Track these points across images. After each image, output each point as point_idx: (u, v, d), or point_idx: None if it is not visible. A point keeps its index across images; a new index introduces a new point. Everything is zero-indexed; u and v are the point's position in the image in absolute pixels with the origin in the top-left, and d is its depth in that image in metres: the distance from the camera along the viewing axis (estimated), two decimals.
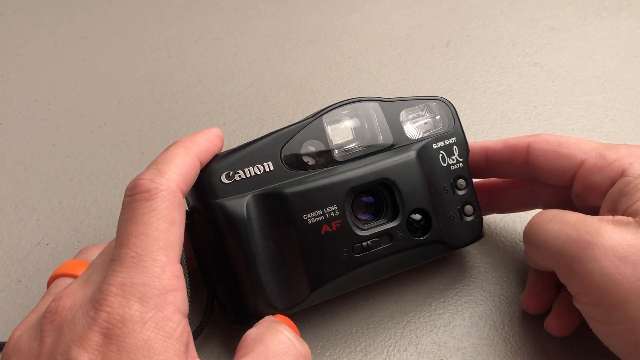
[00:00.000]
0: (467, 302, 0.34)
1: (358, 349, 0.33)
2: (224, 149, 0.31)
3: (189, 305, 0.25)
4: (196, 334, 0.30)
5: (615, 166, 0.29)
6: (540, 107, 0.47)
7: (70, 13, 0.58)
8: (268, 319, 0.28)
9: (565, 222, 0.28)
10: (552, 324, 0.32)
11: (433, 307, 0.34)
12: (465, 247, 0.37)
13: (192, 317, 0.25)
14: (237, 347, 0.26)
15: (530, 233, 0.30)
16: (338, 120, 0.32)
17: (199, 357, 0.25)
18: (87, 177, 0.42)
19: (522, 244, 0.37)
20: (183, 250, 0.26)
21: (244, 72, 0.51)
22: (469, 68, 0.51)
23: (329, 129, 0.31)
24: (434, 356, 0.32)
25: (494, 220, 0.38)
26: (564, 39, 0.53)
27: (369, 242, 0.30)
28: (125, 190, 0.25)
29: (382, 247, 0.30)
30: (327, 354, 0.32)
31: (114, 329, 0.22)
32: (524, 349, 0.32)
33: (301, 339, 0.27)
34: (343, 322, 0.34)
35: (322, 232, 0.29)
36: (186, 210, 0.27)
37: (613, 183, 0.29)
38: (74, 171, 0.42)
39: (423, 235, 0.31)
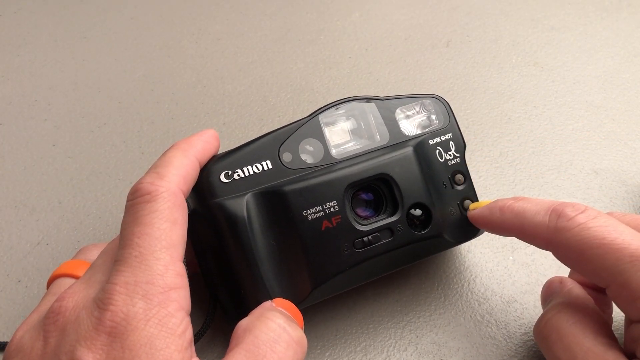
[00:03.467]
0: (467, 302, 0.34)
1: (358, 348, 0.33)
2: (224, 150, 0.31)
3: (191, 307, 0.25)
4: (199, 336, 0.31)
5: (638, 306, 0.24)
6: (540, 107, 0.47)
7: (70, 13, 0.58)
8: (264, 305, 0.28)
9: (572, 350, 0.25)
10: None
11: (433, 307, 0.34)
12: (466, 246, 0.37)
13: (194, 319, 0.25)
14: (230, 338, 0.26)
15: (541, 332, 0.27)
16: (334, 123, 0.32)
17: (201, 358, 0.25)
18: (87, 177, 0.42)
19: (523, 243, 0.37)
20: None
21: (244, 72, 0.51)
22: (469, 68, 0.51)
23: (326, 130, 0.32)
24: (434, 356, 0.32)
25: None
26: (564, 39, 0.53)
27: (369, 237, 0.30)
28: (127, 195, 0.26)
29: (383, 241, 0.30)
30: (327, 353, 0.32)
31: (118, 327, 0.22)
32: (524, 347, 0.32)
33: (294, 325, 0.26)
34: (343, 321, 0.34)
35: (323, 228, 0.30)
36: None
37: (637, 320, 0.25)
38: (74, 171, 0.42)
39: (423, 230, 0.31)
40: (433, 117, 0.34)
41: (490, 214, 0.30)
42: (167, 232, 0.25)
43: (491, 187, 0.41)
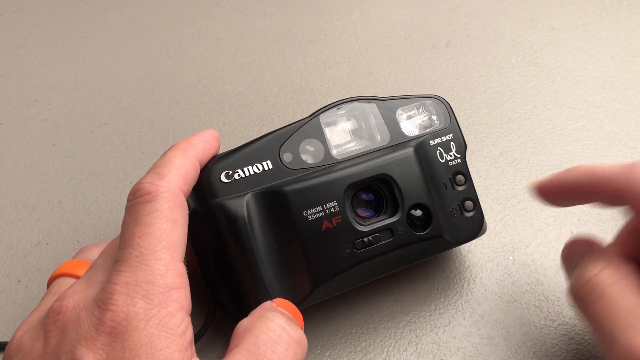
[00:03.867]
0: (467, 302, 0.34)
1: (358, 348, 0.33)
2: (224, 150, 0.31)
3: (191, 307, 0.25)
4: (199, 336, 0.31)
5: None
6: (540, 107, 0.47)
7: (70, 13, 0.58)
8: (264, 305, 0.28)
9: (614, 308, 0.24)
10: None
11: (433, 307, 0.34)
12: (466, 246, 0.37)
13: (194, 319, 0.25)
14: (231, 338, 0.26)
15: (580, 291, 0.26)
16: (335, 123, 0.32)
17: (202, 358, 0.25)
18: (87, 177, 0.42)
19: (523, 243, 0.37)
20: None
21: (244, 72, 0.51)
22: (469, 68, 0.51)
23: (327, 131, 0.32)
24: (434, 356, 0.32)
25: (494, 219, 0.38)
26: (564, 39, 0.53)
27: (370, 237, 0.30)
28: (128, 195, 0.26)
29: (383, 242, 0.30)
30: (327, 353, 0.32)
31: (119, 327, 0.22)
32: (524, 347, 0.32)
33: (294, 325, 0.26)
34: (343, 321, 0.34)
35: (323, 228, 0.30)
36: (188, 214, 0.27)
37: None
38: (74, 171, 0.42)
39: (424, 231, 0.31)
40: (434, 117, 0.34)
41: (557, 175, 0.29)
42: (167, 232, 0.25)
43: (491, 187, 0.41)
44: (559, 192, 0.29)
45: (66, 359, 0.22)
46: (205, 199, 0.29)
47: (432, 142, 0.33)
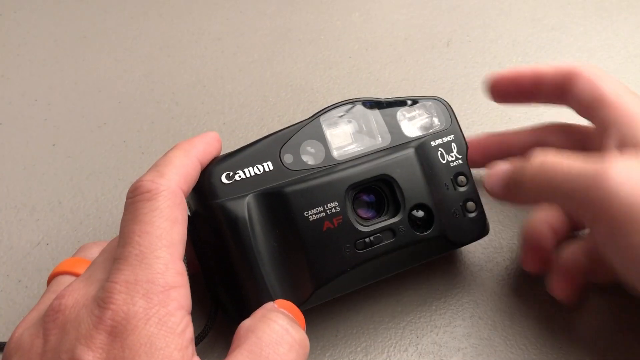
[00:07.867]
0: (467, 303, 0.34)
1: (358, 349, 0.33)
2: (224, 151, 0.31)
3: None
4: (200, 338, 0.30)
5: None
6: (541, 107, 0.47)
7: (70, 13, 0.58)
8: (266, 306, 0.28)
9: (575, 159, 0.27)
10: (555, 286, 0.32)
11: (434, 308, 0.34)
12: (466, 247, 0.37)
13: (195, 321, 0.25)
14: (232, 339, 0.26)
15: (538, 170, 0.29)
16: (335, 124, 0.32)
17: (203, 359, 0.25)
18: (87, 177, 0.42)
19: None
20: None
21: (244, 72, 0.51)
22: (469, 68, 0.51)
23: (327, 132, 0.32)
24: (434, 356, 0.32)
25: (495, 219, 0.38)
26: (564, 39, 0.53)
27: (371, 237, 0.30)
28: (127, 193, 0.26)
29: (385, 242, 0.30)
30: (328, 354, 0.32)
31: (119, 326, 0.22)
32: (524, 349, 0.32)
33: (297, 326, 0.26)
34: (343, 322, 0.34)
35: (324, 229, 0.30)
36: (188, 215, 0.27)
37: None
38: (74, 171, 0.42)
39: (426, 231, 0.31)
40: (435, 119, 0.34)
41: (508, 70, 0.34)
42: (167, 230, 0.25)
43: None
44: (506, 86, 0.34)
45: (66, 357, 0.22)
46: (206, 200, 0.29)
47: (433, 143, 0.33)
